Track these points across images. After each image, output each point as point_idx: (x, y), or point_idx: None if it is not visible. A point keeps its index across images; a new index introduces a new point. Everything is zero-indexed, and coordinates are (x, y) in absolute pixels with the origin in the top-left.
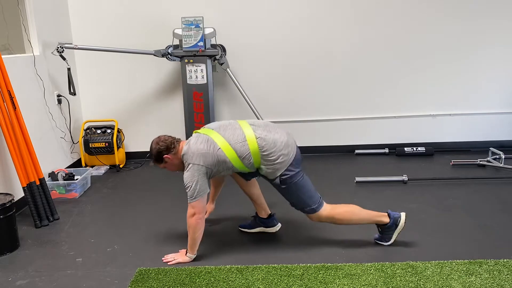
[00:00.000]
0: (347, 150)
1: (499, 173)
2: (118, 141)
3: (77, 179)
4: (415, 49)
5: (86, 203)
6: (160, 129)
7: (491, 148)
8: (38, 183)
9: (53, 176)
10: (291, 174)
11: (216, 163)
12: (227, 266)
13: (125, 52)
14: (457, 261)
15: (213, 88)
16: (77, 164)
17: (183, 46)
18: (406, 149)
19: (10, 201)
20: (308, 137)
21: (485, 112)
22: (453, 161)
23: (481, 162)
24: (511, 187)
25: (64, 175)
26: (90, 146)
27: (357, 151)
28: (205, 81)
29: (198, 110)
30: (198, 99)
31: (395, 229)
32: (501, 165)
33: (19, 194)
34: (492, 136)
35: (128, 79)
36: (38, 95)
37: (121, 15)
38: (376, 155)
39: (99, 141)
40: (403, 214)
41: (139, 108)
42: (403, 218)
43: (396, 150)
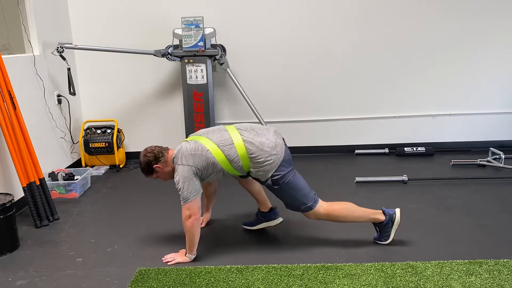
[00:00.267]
0: (347, 150)
1: (499, 173)
2: (118, 141)
3: (77, 179)
4: (415, 49)
5: (86, 203)
6: (160, 129)
7: (491, 148)
8: (38, 183)
9: (53, 176)
10: (282, 174)
11: (206, 165)
12: (227, 266)
13: (125, 52)
14: (457, 261)
15: (213, 88)
16: (77, 164)
17: (183, 46)
18: (406, 149)
19: (10, 201)
20: (308, 137)
21: (485, 112)
22: (453, 161)
23: (481, 162)
24: (511, 187)
25: (64, 175)
26: (90, 146)
27: (357, 151)
28: (205, 81)
29: (198, 110)
30: (198, 99)
31: (392, 226)
32: (501, 165)
33: (19, 194)
34: (492, 136)
35: (128, 79)
36: (38, 95)
37: (121, 15)
38: (376, 155)
39: (99, 141)
40: (398, 210)
41: (139, 108)
42: (398, 214)
43: (396, 150)
